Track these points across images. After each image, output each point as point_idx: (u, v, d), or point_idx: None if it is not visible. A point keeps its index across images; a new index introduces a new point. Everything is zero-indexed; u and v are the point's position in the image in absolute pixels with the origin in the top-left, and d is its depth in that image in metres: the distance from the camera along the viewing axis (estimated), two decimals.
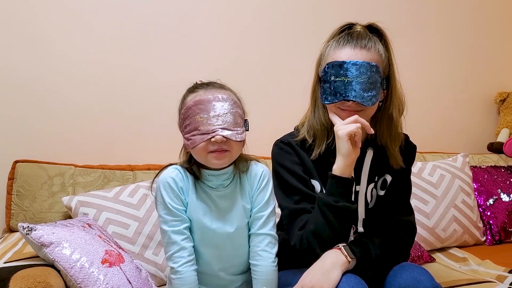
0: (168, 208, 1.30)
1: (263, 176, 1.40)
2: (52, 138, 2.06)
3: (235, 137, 1.26)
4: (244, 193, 1.39)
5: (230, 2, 2.34)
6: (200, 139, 1.25)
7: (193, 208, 1.33)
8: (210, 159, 1.28)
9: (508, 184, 2.37)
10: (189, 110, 1.28)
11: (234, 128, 1.27)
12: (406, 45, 2.68)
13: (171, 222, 1.30)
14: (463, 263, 2.00)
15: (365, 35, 1.33)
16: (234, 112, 1.28)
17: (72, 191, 1.89)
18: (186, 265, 1.28)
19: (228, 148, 1.28)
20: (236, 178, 1.39)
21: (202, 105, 1.26)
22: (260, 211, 1.38)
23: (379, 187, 1.46)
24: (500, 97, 2.86)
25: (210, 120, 1.25)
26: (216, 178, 1.35)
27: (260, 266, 1.35)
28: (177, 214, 1.30)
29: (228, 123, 1.26)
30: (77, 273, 1.29)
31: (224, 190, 1.36)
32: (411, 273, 1.25)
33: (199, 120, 1.25)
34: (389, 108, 1.38)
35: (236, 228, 1.35)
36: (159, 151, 2.17)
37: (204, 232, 1.33)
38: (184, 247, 1.29)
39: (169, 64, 2.23)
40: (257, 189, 1.39)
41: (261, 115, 2.32)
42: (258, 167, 1.42)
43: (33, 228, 1.32)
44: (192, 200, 1.33)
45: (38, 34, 2.03)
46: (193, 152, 1.31)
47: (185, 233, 1.30)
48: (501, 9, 2.94)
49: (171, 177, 1.32)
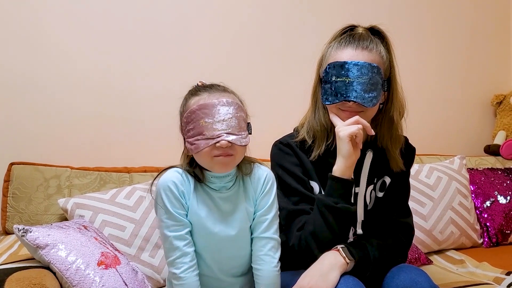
0: (169, 212, 1.27)
1: (267, 179, 1.37)
2: (48, 140, 2.05)
3: (239, 141, 1.24)
4: (247, 196, 1.36)
5: (229, 4, 2.34)
6: (205, 144, 1.22)
7: (195, 211, 1.30)
8: (214, 165, 1.26)
9: (505, 186, 2.37)
10: (192, 114, 1.24)
11: (239, 133, 1.25)
12: (403, 48, 2.66)
13: (172, 227, 1.27)
14: (461, 265, 2.01)
15: (367, 37, 1.33)
16: (239, 116, 1.26)
17: (68, 193, 1.87)
18: (188, 271, 1.26)
19: (233, 152, 1.25)
20: (239, 181, 1.36)
21: (206, 109, 1.23)
22: (264, 214, 1.35)
23: (378, 189, 1.46)
24: (497, 99, 2.88)
25: (215, 125, 1.22)
26: (219, 180, 1.32)
27: (262, 270, 1.32)
28: (179, 218, 1.27)
29: (232, 128, 1.23)
30: (73, 275, 1.28)
31: (227, 193, 1.33)
32: (409, 274, 1.25)
33: (204, 124, 1.23)
34: (390, 110, 1.38)
35: (239, 231, 1.33)
36: (156, 153, 2.17)
37: (206, 235, 1.30)
38: (186, 252, 1.27)
39: (166, 67, 2.23)
40: (261, 193, 1.36)
41: (261, 117, 2.32)
42: (262, 170, 1.39)
43: (28, 230, 1.31)
44: (193, 203, 1.30)
45: (34, 36, 2.03)
46: (196, 156, 1.28)
47: (187, 238, 1.28)
48: (497, 13, 2.95)
49: (172, 181, 1.28)
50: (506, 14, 2.97)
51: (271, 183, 1.37)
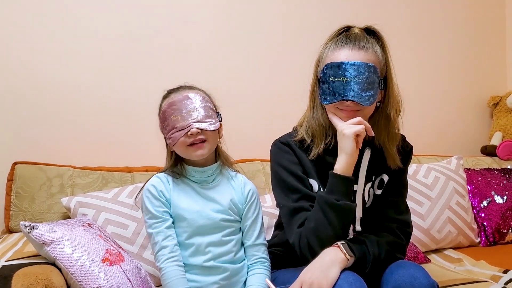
0: (150, 212, 1.41)
1: (252, 191, 1.52)
2: (50, 140, 2.07)
3: (208, 127, 1.40)
4: (230, 191, 1.49)
5: (224, 4, 2.37)
6: (178, 135, 1.39)
7: (176, 204, 1.42)
8: (191, 152, 1.41)
9: (502, 186, 2.40)
10: (165, 113, 1.43)
11: (207, 120, 1.41)
12: (400, 50, 2.69)
13: (154, 224, 1.40)
14: (458, 264, 2.02)
15: (363, 37, 1.36)
16: (204, 106, 1.42)
17: (71, 192, 1.89)
18: (166, 261, 1.36)
19: (204, 137, 1.41)
20: (221, 178, 1.50)
21: (174, 105, 1.41)
22: (253, 224, 1.49)
23: (376, 187, 1.48)
24: (493, 101, 2.91)
25: (184, 117, 1.39)
26: (200, 174, 1.47)
27: (260, 270, 1.45)
28: (158, 216, 1.41)
29: (200, 116, 1.40)
30: (78, 271, 1.30)
31: (208, 185, 1.47)
32: (408, 270, 1.27)
33: (174, 119, 1.40)
34: (387, 108, 1.41)
35: (220, 212, 1.44)
36: (157, 153, 2.16)
37: (190, 221, 1.41)
38: (164, 246, 1.38)
39: (166, 66, 2.25)
40: (246, 201, 1.50)
41: (260, 117, 2.35)
42: (247, 181, 1.54)
43: (34, 227, 1.33)
44: (174, 197, 1.43)
45: (35, 38, 2.05)
46: (175, 148, 1.44)
47: (166, 233, 1.39)
48: (492, 15, 2.99)
49: (151, 184, 1.45)
50: (501, 16, 3.01)
51: (256, 196, 1.52)
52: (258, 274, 1.44)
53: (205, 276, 1.40)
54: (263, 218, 1.54)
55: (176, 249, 1.39)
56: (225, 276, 1.41)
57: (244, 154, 2.16)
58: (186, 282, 1.36)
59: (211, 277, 1.40)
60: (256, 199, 1.52)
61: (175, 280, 1.34)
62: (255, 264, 1.46)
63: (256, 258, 1.47)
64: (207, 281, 1.40)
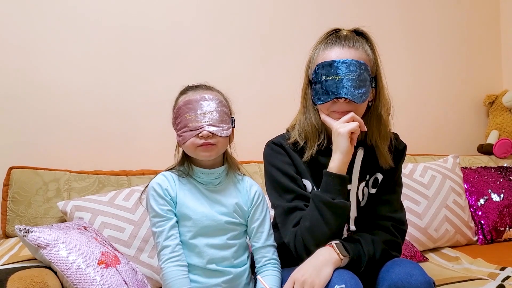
0: (154, 210, 1.40)
1: (259, 192, 1.51)
2: (46, 144, 2.08)
3: (220, 132, 1.39)
4: (237, 194, 1.48)
5: (222, 7, 2.38)
6: (189, 135, 1.38)
7: (182, 203, 1.42)
8: (199, 151, 1.40)
9: (498, 184, 2.40)
10: (179, 110, 1.41)
11: (220, 125, 1.40)
12: (396, 50, 2.73)
13: (157, 223, 1.39)
14: (456, 262, 2.02)
15: (352, 37, 1.38)
16: (220, 110, 1.41)
17: (67, 196, 1.89)
18: (167, 262, 1.35)
19: (214, 142, 1.40)
20: (228, 181, 1.49)
21: (190, 104, 1.40)
22: (261, 225, 1.48)
23: (370, 186, 1.48)
24: (489, 99, 2.92)
25: (198, 118, 1.38)
26: (206, 176, 1.46)
27: (272, 271, 1.44)
28: (162, 214, 1.39)
29: (214, 120, 1.39)
30: (74, 274, 1.30)
31: (213, 188, 1.46)
32: (404, 268, 1.27)
33: (188, 118, 1.39)
34: (378, 107, 1.42)
35: (227, 219, 1.42)
36: (153, 156, 2.19)
37: (195, 221, 1.40)
38: (166, 245, 1.37)
39: (162, 70, 2.26)
40: (252, 202, 1.49)
41: (254, 118, 2.35)
42: (253, 183, 1.53)
43: (29, 230, 1.33)
44: (180, 196, 1.42)
45: (33, 41, 2.06)
46: (184, 147, 1.44)
47: (169, 233, 1.38)
48: (487, 15, 3.00)
49: (156, 183, 1.43)
50: (496, 15, 3.02)
51: (262, 197, 1.51)
52: (270, 276, 1.43)
53: (207, 278, 1.39)
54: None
55: (179, 249, 1.37)
56: (228, 279, 1.41)
57: (240, 156, 2.16)
58: (187, 282, 1.34)
59: (213, 279, 1.39)
60: (262, 201, 1.51)
61: (175, 280, 1.33)
62: (266, 265, 1.45)
63: (267, 259, 1.46)
64: (209, 283, 1.39)
